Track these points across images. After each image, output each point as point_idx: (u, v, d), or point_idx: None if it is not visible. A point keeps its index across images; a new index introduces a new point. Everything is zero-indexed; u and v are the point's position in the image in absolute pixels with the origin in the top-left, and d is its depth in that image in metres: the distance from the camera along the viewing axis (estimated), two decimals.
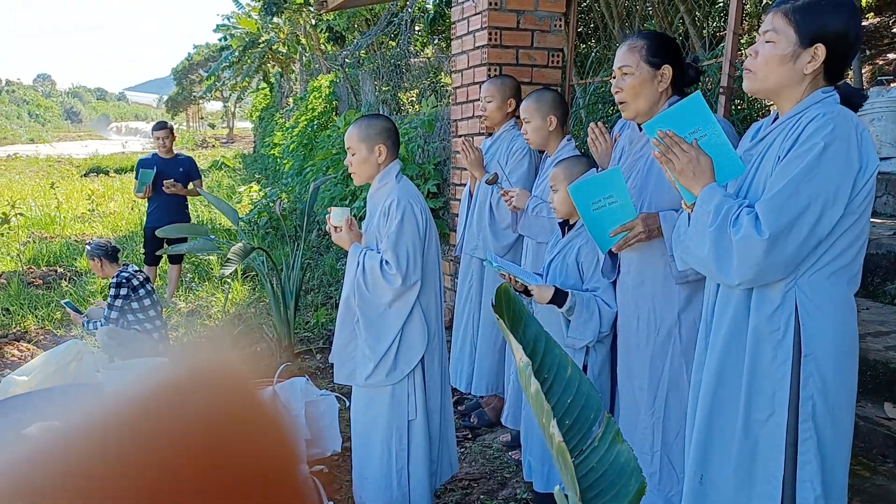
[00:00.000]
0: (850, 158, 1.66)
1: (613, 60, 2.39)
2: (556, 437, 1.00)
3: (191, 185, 6.40)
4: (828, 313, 1.73)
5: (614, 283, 2.58)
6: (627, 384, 2.50)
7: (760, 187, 1.78)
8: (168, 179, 6.10)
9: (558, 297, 2.54)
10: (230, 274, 6.96)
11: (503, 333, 1.10)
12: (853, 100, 1.79)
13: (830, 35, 1.73)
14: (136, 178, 6.30)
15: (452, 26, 4.73)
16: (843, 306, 1.74)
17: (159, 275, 6.82)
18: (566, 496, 1.06)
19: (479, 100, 3.82)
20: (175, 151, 6.42)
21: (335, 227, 2.76)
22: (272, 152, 14.59)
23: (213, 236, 5.60)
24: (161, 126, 6.29)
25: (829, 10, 1.73)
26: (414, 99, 8.83)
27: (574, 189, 2.33)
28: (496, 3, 4.20)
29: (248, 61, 19.63)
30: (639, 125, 2.36)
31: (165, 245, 6.08)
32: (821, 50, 1.73)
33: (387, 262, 2.58)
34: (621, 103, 2.33)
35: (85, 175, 22.05)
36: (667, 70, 2.27)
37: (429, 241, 2.68)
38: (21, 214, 9.22)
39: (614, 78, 2.67)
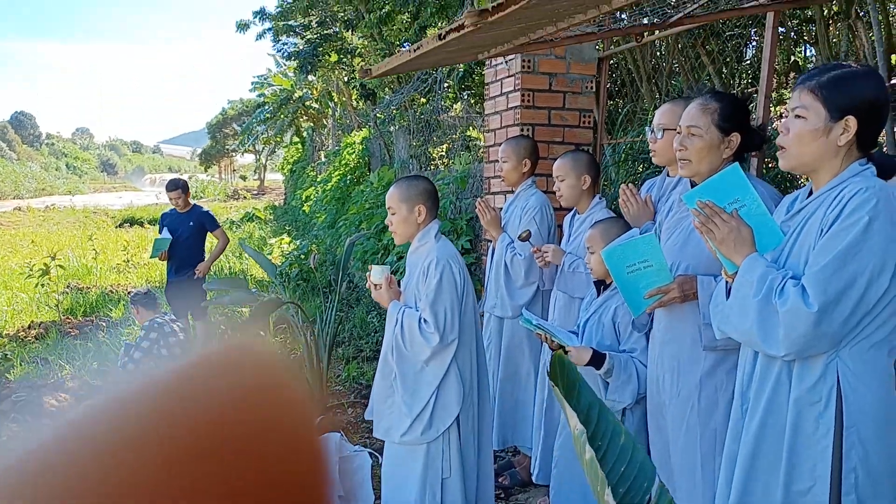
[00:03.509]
0: (894, 232, 1.69)
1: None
2: None
3: (209, 238, 6.61)
4: (870, 385, 1.73)
5: (648, 334, 2.59)
6: (657, 438, 2.50)
7: (802, 259, 1.80)
8: (181, 235, 6.36)
9: (596, 360, 2.56)
10: (262, 326, 7.04)
11: (558, 401, 1.13)
12: (888, 168, 1.83)
13: (859, 106, 1.77)
14: (161, 232, 6.54)
15: (486, 87, 4.85)
16: (885, 377, 1.75)
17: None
18: None
19: None
20: (193, 204, 6.63)
21: (375, 285, 2.82)
22: (304, 208, 14.84)
23: (254, 289, 5.71)
24: (172, 187, 6.50)
25: (855, 82, 1.77)
26: (444, 153, 8.98)
27: (608, 253, 2.36)
28: (529, 66, 4.32)
29: (282, 117, 20.13)
30: (692, 184, 2.37)
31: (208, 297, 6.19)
32: (852, 122, 1.77)
33: (425, 320, 2.63)
34: (683, 160, 2.29)
35: (119, 226, 22.55)
36: (735, 138, 2.24)
37: (466, 300, 2.72)
38: (60, 266, 9.45)
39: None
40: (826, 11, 5.88)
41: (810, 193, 1.90)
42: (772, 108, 7.29)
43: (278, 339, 7.07)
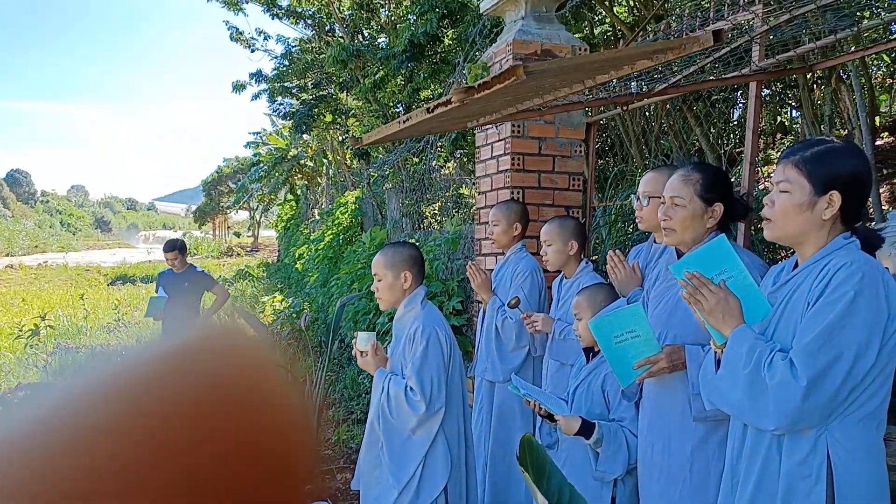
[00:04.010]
0: (880, 307, 1.70)
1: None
2: None
3: (205, 297, 6.64)
4: (860, 459, 1.72)
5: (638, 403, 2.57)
6: None
7: (790, 332, 1.81)
8: (176, 296, 6.34)
9: (585, 429, 2.53)
10: None
11: (528, 486, 1.12)
12: (872, 242, 1.85)
13: (843, 181, 1.80)
14: (157, 291, 6.49)
15: (477, 151, 4.92)
16: (875, 451, 1.74)
17: None
18: None
19: None
20: (189, 264, 6.63)
21: (361, 352, 2.81)
22: (296, 266, 14.86)
23: None
24: (169, 248, 6.51)
25: (838, 157, 1.81)
26: (437, 211, 9.04)
27: (595, 324, 2.36)
28: (518, 131, 4.38)
29: (277, 175, 20.29)
30: (678, 253, 2.40)
31: None
32: (836, 196, 1.79)
33: (411, 388, 2.61)
34: (667, 230, 2.33)
35: (111, 283, 22.47)
36: (718, 208, 2.28)
37: (453, 366, 2.71)
38: (50, 327, 9.38)
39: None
40: (809, 76, 6.02)
41: (796, 265, 1.92)
42: (759, 170, 7.41)
43: None
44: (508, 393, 3.71)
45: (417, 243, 7.25)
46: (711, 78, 3.28)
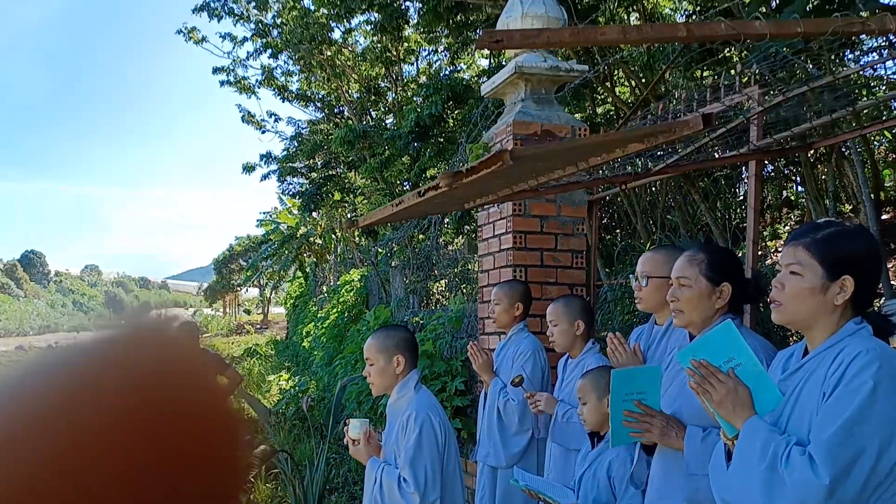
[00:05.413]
0: None
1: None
2: None
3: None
4: None
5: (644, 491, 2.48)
6: None
7: (804, 424, 1.72)
8: None
9: None
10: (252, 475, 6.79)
11: None
12: (885, 328, 1.78)
13: (855, 266, 1.74)
14: None
15: (479, 229, 4.91)
16: None
17: None
18: None
19: None
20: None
21: (353, 440, 2.72)
22: (304, 343, 14.78)
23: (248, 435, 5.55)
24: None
25: (850, 241, 1.76)
26: (443, 288, 9.00)
27: (616, 374, 2.33)
28: (520, 210, 4.38)
29: (286, 252, 20.44)
30: (690, 336, 2.36)
31: None
32: (849, 282, 1.73)
33: (404, 479, 2.51)
34: (676, 311, 2.30)
35: None
36: (726, 288, 2.24)
37: (448, 454, 2.61)
38: None
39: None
40: (811, 153, 6.04)
41: (806, 351, 1.84)
42: (766, 243, 7.35)
43: (268, 487, 6.79)
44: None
45: (421, 322, 7.19)
46: (711, 157, 3.28)
